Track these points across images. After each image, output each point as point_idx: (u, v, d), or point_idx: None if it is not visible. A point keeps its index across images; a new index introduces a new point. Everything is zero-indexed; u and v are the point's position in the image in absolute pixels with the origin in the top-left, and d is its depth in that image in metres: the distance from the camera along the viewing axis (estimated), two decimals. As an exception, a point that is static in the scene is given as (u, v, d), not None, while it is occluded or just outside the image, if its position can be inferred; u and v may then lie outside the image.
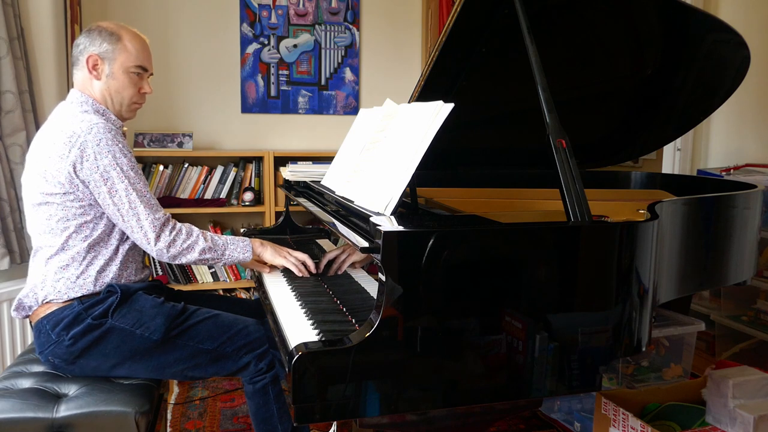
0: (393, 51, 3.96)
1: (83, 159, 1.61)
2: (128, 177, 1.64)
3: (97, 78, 1.75)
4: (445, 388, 1.24)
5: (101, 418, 1.55)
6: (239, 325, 1.74)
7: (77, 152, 1.61)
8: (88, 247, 1.68)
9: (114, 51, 1.74)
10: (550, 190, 1.95)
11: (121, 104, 1.79)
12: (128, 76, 1.76)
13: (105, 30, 1.74)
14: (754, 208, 1.91)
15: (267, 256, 1.83)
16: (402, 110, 1.60)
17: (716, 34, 1.96)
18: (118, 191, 1.63)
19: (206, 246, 1.71)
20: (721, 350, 2.83)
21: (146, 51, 1.80)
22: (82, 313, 1.65)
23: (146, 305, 1.69)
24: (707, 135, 3.21)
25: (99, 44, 1.73)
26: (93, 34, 1.74)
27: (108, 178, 1.63)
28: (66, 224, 1.66)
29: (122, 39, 1.74)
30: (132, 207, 1.64)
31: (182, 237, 1.69)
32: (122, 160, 1.64)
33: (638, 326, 1.37)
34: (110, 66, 1.74)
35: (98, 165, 1.62)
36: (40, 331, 1.68)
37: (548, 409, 2.48)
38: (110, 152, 1.63)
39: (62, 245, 1.67)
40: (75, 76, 1.78)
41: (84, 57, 1.74)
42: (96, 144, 1.61)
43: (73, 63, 1.78)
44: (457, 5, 1.65)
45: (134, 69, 1.77)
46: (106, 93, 1.76)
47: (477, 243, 1.25)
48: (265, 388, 1.73)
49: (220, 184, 3.56)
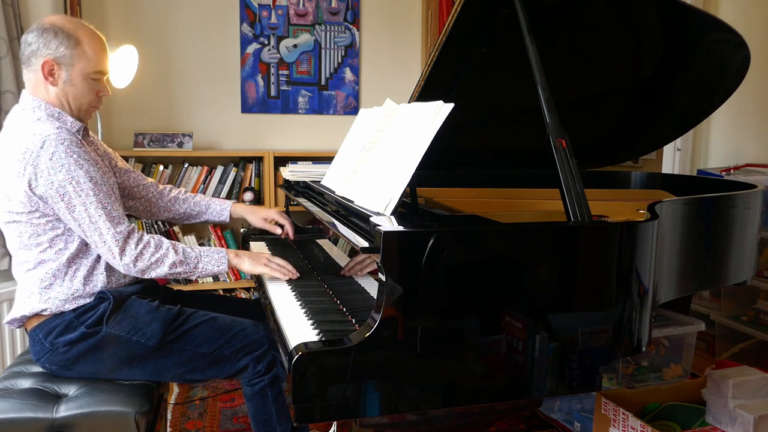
0: (393, 51, 3.96)
1: (37, 176, 1.53)
2: (84, 190, 1.55)
3: (53, 84, 1.62)
4: (445, 388, 1.24)
5: (101, 418, 1.55)
6: (237, 328, 1.73)
7: (31, 170, 1.52)
8: (68, 262, 1.63)
9: (72, 56, 1.60)
10: (550, 190, 1.95)
11: (78, 109, 1.68)
12: (87, 82, 1.65)
13: (62, 31, 1.59)
14: (754, 208, 1.91)
15: (245, 266, 1.74)
16: (402, 110, 1.60)
17: (716, 34, 1.96)
18: (76, 206, 1.55)
19: (177, 259, 1.63)
20: (721, 350, 2.83)
21: (105, 52, 1.68)
22: (74, 321, 1.63)
23: (141, 311, 1.66)
24: (707, 135, 3.21)
25: (55, 48, 1.59)
26: (48, 35, 1.59)
27: (64, 194, 1.54)
28: (38, 239, 1.61)
29: (81, 43, 1.61)
30: (92, 221, 1.56)
31: (150, 250, 1.61)
32: (78, 173, 1.54)
33: (638, 326, 1.37)
34: (68, 72, 1.61)
35: (52, 181, 1.53)
36: (34, 340, 1.67)
37: (548, 409, 2.48)
38: (63, 166, 1.53)
39: (38, 260, 1.62)
40: (26, 77, 1.65)
41: (38, 61, 1.60)
42: (48, 159, 1.52)
43: (23, 62, 1.63)
44: (457, 5, 1.65)
45: (94, 75, 1.65)
46: (63, 98, 1.64)
47: (477, 243, 1.25)
48: (263, 390, 1.72)
49: (220, 184, 3.57)
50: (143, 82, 3.39)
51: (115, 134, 3.49)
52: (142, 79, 3.26)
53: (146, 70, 3.37)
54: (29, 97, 1.65)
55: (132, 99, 3.49)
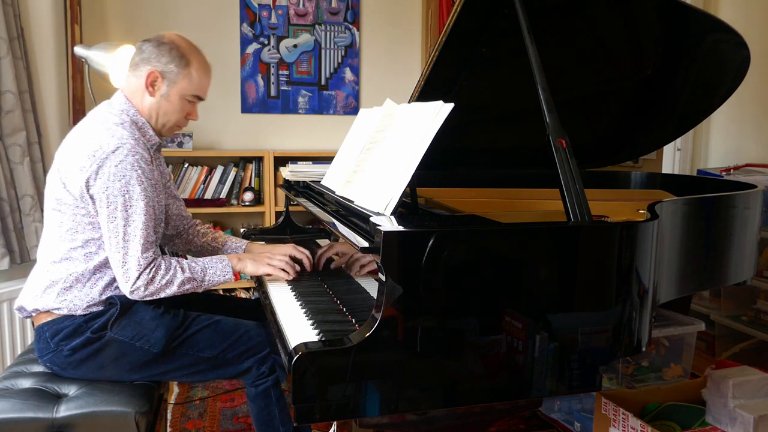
0: (393, 51, 3.97)
1: (97, 176, 1.55)
2: (133, 207, 1.56)
3: (150, 95, 1.68)
4: (445, 388, 1.24)
5: (101, 418, 1.55)
6: (240, 331, 1.73)
7: (95, 168, 1.55)
8: (94, 269, 1.63)
9: (178, 75, 1.67)
10: (550, 190, 1.95)
11: (164, 125, 1.73)
12: (182, 102, 1.70)
13: (177, 49, 1.66)
14: (754, 208, 1.91)
15: (249, 269, 1.75)
16: (402, 110, 1.60)
17: (716, 34, 1.96)
18: (117, 218, 1.56)
19: (185, 277, 1.63)
20: (721, 350, 2.83)
21: (208, 80, 1.74)
22: (82, 326, 1.63)
23: (146, 317, 1.66)
24: (707, 135, 3.21)
25: (166, 62, 1.65)
26: (163, 49, 1.66)
27: (111, 203, 1.55)
28: (74, 235, 1.62)
29: (191, 65, 1.67)
30: (125, 239, 1.56)
31: (161, 273, 1.60)
32: (135, 189, 1.56)
33: (638, 326, 1.38)
34: (168, 87, 1.67)
35: (108, 186, 1.55)
36: (40, 337, 1.66)
37: (548, 409, 2.48)
38: (125, 177, 1.55)
39: (66, 255, 1.63)
40: (128, 80, 1.70)
41: (146, 69, 1.66)
42: (115, 165, 1.54)
43: (131, 66, 1.70)
44: (457, 5, 1.65)
45: (191, 97, 1.71)
46: (153, 111, 1.69)
47: (477, 243, 1.25)
48: (267, 391, 1.72)
49: (220, 184, 3.57)
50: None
51: (115, 134, 3.48)
52: (142, 79, 3.26)
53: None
54: (122, 98, 1.69)
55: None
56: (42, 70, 2.71)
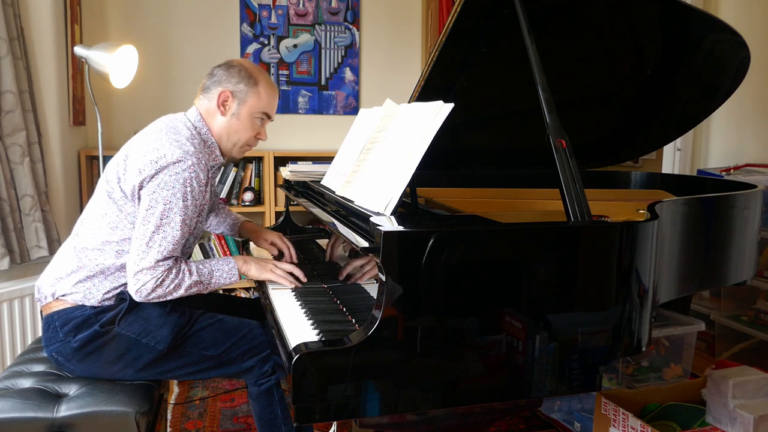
0: (393, 51, 3.97)
1: (152, 180, 1.59)
2: (170, 217, 1.59)
3: (222, 114, 1.75)
4: (445, 388, 1.24)
5: (101, 418, 1.55)
6: (243, 330, 1.74)
7: (152, 173, 1.59)
8: (120, 266, 1.66)
9: (247, 93, 1.74)
10: (550, 190, 1.95)
11: (234, 144, 1.78)
12: (252, 120, 1.77)
13: (246, 70, 1.75)
14: (754, 208, 1.91)
15: (252, 272, 1.76)
16: (402, 110, 1.60)
17: (716, 34, 1.96)
18: (150, 222, 1.58)
19: (193, 281, 1.64)
20: (721, 350, 2.83)
21: (275, 100, 1.82)
22: (91, 318, 1.64)
23: (153, 314, 1.67)
24: (707, 135, 3.21)
25: (235, 82, 1.73)
26: (233, 71, 1.74)
27: (151, 207, 1.58)
28: (113, 230, 1.65)
29: (258, 83, 1.75)
30: (149, 245, 1.58)
31: (171, 276, 1.60)
32: (178, 204, 1.59)
33: (638, 326, 1.38)
34: (239, 106, 1.74)
35: (155, 191, 1.58)
36: (49, 326, 1.68)
37: (548, 409, 2.48)
38: (174, 188, 1.58)
39: (98, 246, 1.66)
40: (200, 101, 1.78)
41: (217, 89, 1.74)
42: (171, 175, 1.58)
43: (203, 89, 1.78)
44: (457, 5, 1.66)
45: (260, 114, 1.77)
46: (224, 130, 1.76)
47: (477, 243, 1.25)
48: (269, 390, 1.73)
49: (220, 184, 3.56)
50: (143, 82, 3.39)
51: (115, 134, 3.49)
52: (142, 79, 3.26)
53: (146, 70, 3.37)
54: (198, 116, 1.77)
55: (132, 99, 3.49)
56: (42, 70, 2.71)
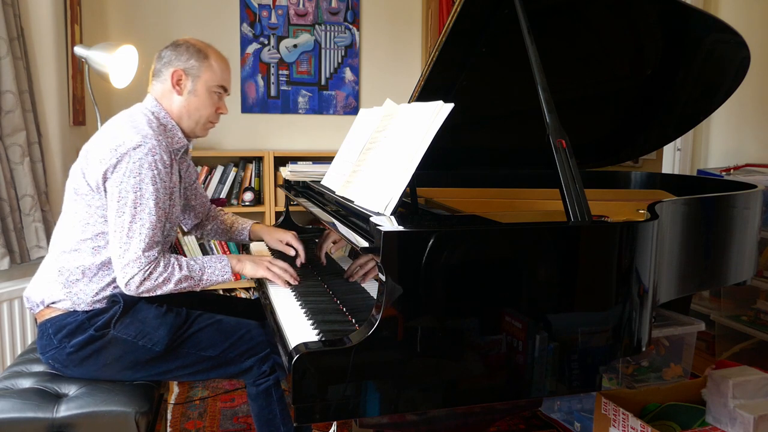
0: (393, 51, 3.97)
1: (115, 169, 1.57)
2: (142, 205, 1.58)
3: (178, 93, 1.74)
4: (445, 388, 1.24)
5: (101, 418, 1.55)
6: (242, 330, 1.73)
7: (114, 162, 1.57)
8: (101, 265, 1.64)
9: (200, 68, 1.73)
10: (550, 190, 1.95)
11: (197, 122, 1.78)
12: (210, 95, 1.76)
13: (193, 47, 1.74)
14: (754, 208, 1.91)
15: (247, 271, 1.75)
16: (402, 110, 1.60)
17: (716, 34, 1.96)
18: (125, 213, 1.57)
19: (182, 275, 1.63)
20: (721, 350, 2.83)
21: (228, 71, 1.81)
22: (85, 323, 1.63)
23: (149, 315, 1.66)
24: (707, 135, 3.21)
25: (186, 60, 1.73)
26: (180, 49, 1.74)
27: (122, 198, 1.57)
28: (85, 227, 1.64)
29: (209, 57, 1.75)
30: (129, 236, 1.57)
31: (159, 270, 1.60)
32: (147, 189, 1.58)
33: (638, 326, 1.38)
34: (194, 83, 1.74)
35: (122, 181, 1.57)
36: (43, 333, 1.67)
37: (548, 409, 2.48)
38: (140, 175, 1.57)
39: (75, 247, 1.65)
40: (154, 87, 1.78)
41: (168, 70, 1.73)
42: (134, 162, 1.57)
43: (155, 74, 1.77)
44: (457, 5, 1.65)
45: (216, 88, 1.77)
46: (183, 109, 1.75)
47: (477, 243, 1.25)
48: (268, 390, 1.73)
49: (220, 184, 3.57)
50: (143, 82, 3.37)
51: (115, 134, 3.48)
52: (142, 79, 3.25)
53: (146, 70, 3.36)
54: (153, 101, 1.76)
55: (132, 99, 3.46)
56: (42, 70, 2.70)
